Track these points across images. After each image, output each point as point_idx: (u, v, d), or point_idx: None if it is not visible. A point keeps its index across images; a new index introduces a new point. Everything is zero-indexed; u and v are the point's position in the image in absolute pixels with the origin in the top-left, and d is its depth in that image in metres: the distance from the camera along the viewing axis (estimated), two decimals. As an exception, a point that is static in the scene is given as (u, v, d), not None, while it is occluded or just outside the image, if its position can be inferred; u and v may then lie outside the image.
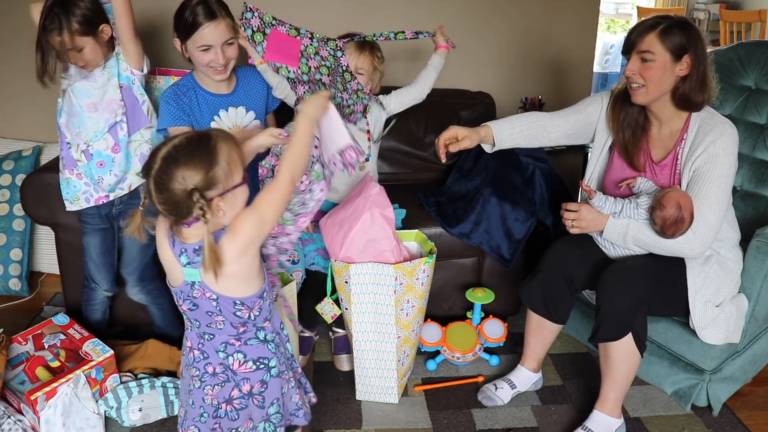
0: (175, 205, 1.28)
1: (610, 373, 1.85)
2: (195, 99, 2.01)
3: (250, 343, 1.45)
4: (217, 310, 1.39)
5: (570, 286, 1.97)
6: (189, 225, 1.32)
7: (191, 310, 1.42)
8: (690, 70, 1.76)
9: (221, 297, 1.37)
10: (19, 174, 2.68)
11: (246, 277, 1.38)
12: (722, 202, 1.78)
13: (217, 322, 1.41)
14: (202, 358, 1.45)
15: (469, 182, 2.50)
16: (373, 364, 2.02)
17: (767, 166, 2.19)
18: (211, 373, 1.44)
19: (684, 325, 1.97)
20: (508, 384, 2.08)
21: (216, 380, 1.45)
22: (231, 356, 1.44)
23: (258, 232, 1.34)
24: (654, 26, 1.76)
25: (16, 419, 1.84)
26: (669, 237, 1.75)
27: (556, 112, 2.07)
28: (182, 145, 1.29)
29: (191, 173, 1.26)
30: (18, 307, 2.61)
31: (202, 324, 1.43)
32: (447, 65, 3.06)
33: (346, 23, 2.83)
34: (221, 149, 1.30)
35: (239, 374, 1.45)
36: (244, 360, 1.44)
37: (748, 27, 5.11)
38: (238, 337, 1.44)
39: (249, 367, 1.45)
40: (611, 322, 1.79)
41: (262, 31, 2.01)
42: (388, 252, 1.91)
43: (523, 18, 3.00)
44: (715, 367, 1.99)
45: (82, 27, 1.80)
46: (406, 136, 2.67)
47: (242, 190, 1.35)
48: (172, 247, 1.37)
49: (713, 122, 1.80)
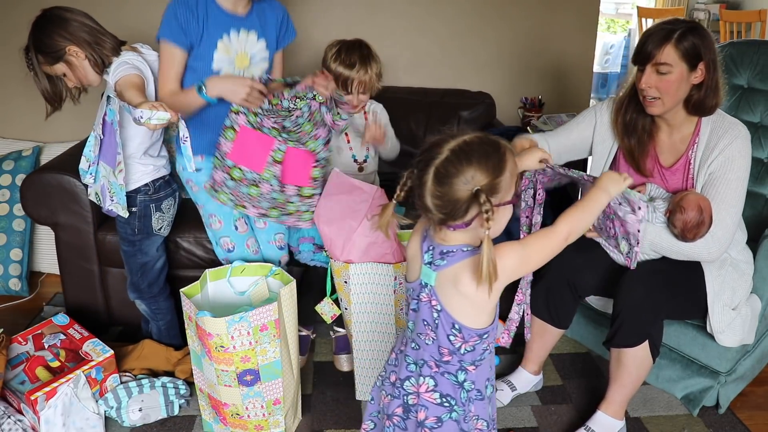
0: (452, 203, 1.17)
1: (620, 377, 1.84)
2: (205, 11, 1.89)
3: (446, 377, 1.32)
4: (434, 323, 1.28)
5: (573, 292, 1.96)
6: (455, 228, 1.22)
7: (413, 311, 1.32)
8: (704, 77, 1.73)
9: (444, 311, 1.27)
10: (19, 174, 2.69)
11: (479, 308, 1.27)
12: (739, 205, 1.76)
13: (427, 336, 1.31)
14: (394, 365, 1.38)
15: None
16: (373, 364, 2.02)
17: (763, 164, 2.19)
18: (392, 381, 1.37)
19: (698, 328, 1.96)
20: (507, 386, 2.08)
21: (392, 390, 1.37)
22: (423, 377, 1.32)
23: (517, 269, 1.26)
24: (668, 36, 1.70)
25: (16, 419, 1.84)
26: (689, 240, 1.72)
27: (550, 134, 2.02)
28: (476, 143, 1.19)
29: (482, 174, 1.17)
30: (18, 307, 2.61)
31: (415, 330, 1.33)
32: (447, 65, 3.08)
33: (346, 23, 2.84)
34: (509, 160, 1.21)
35: (422, 398, 1.32)
36: (432, 387, 1.31)
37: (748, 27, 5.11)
38: (438, 363, 1.31)
39: (433, 398, 1.32)
40: (630, 329, 1.77)
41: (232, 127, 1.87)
42: (389, 254, 1.91)
43: (524, 18, 3.00)
44: (729, 369, 1.98)
45: (45, 57, 1.83)
46: (406, 136, 2.67)
47: (509, 209, 1.26)
48: (422, 240, 1.30)
49: (726, 125, 1.78)
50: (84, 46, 1.84)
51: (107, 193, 1.94)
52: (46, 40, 1.82)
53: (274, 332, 1.71)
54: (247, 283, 1.94)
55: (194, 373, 1.88)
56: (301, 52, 2.72)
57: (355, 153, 2.25)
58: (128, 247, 2.04)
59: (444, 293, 1.26)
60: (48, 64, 1.85)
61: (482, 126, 2.72)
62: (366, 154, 2.27)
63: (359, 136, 2.23)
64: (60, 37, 1.82)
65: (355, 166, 2.25)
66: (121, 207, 1.91)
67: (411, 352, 1.35)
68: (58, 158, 2.30)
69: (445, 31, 2.97)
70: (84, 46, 1.84)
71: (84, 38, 1.85)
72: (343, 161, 2.24)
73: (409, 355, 1.34)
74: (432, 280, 1.26)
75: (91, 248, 2.23)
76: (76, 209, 2.17)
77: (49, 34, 1.82)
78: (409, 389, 1.34)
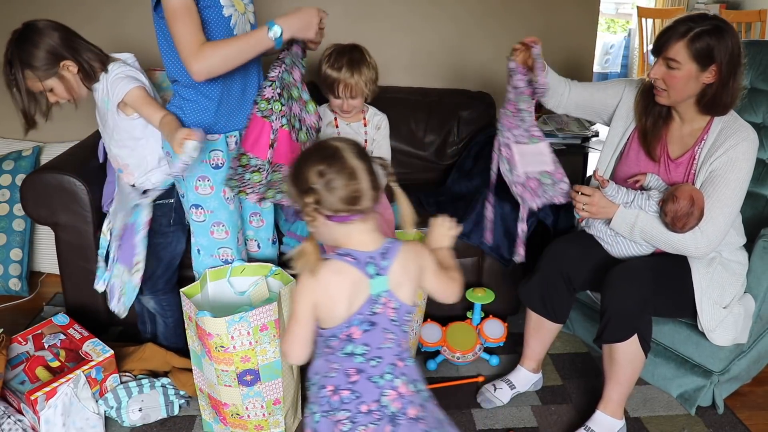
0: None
1: (614, 374, 1.85)
2: None
3: (408, 363, 1.33)
4: (393, 324, 1.29)
5: (568, 285, 1.96)
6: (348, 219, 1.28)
7: (366, 332, 1.27)
8: (716, 78, 1.74)
9: (402, 305, 1.29)
10: (19, 174, 2.69)
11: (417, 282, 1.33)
12: (734, 206, 1.77)
13: (387, 341, 1.29)
14: (354, 399, 1.28)
15: (469, 182, 2.50)
16: (373, 364, 2.02)
17: (765, 165, 2.19)
18: (365, 412, 1.27)
19: (691, 327, 1.97)
20: (507, 384, 2.08)
21: (370, 418, 1.27)
22: (397, 379, 1.30)
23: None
24: (684, 34, 1.71)
25: (16, 419, 1.84)
26: (677, 231, 1.75)
27: (576, 82, 2.07)
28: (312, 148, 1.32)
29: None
30: (18, 307, 2.61)
31: (371, 351, 1.28)
32: (447, 66, 3.08)
33: (345, 23, 2.84)
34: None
35: (405, 397, 1.30)
36: (407, 381, 1.32)
37: (748, 27, 5.11)
38: (401, 357, 1.32)
39: (411, 390, 1.32)
40: (617, 324, 1.78)
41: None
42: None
43: (524, 18, 3.00)
44: (723, 368, 1.99)
45: (35, 72, 1.77)
46: (406, 136, 2.68)
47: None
48: (344, 275, 1.26)
49: (736, 126, 1.80)
50: (76, 59, 1.82)
51: (116, 293, 1.97)
52: (38, 54, 1.76)
53: (274, 332, 1.71)
54: (247, 283, 1.94)
55: (194, 373, 1.88)
56: (301, 52, 2.71)
57: None
58: (161, 239, 2.03)
59: (398, 288, 1.28)
60: (38, 80, 1.79)
61: (482, 126, 2.72)
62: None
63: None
64: (53, 50, 1.78)
65: None
66: (123, 309, 1.96)
67: (373, 371, 1.29)
68: (58, 158, 2.30)
69: (445, 31, 2.97)
70: (76, 60, 1.82)
71: (77, 51, 1.82)
72: None
73: (373, 375, 1.29)
74: (386, 284, 1.27)
75: (91, 248, 2.23)
76: (76, 209, 2.17)
77: (40, 48, 1.77)
78: (388, 402, 1.29)
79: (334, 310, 1.25)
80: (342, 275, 1.24)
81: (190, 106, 1.79)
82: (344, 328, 1.26)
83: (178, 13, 1.64)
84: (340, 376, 1.28)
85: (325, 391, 1.30)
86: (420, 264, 1.33)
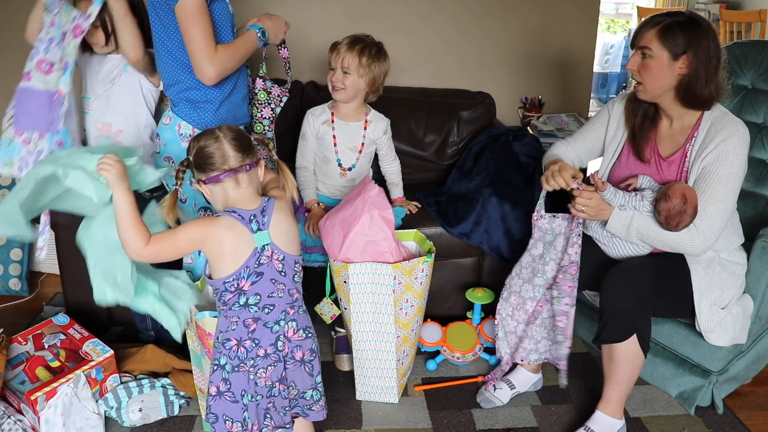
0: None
1: (614, 374, 1.85)
2: None
3: (300, 311, 1.53)
4: (282, 273, 1.48)
5: None
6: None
7: (254, 283, 1.45)
8: (689, 69, 1.75)
9: (287, 255, 1.49)
10: (19, 174, 2.68)
11: (296, 231, 1.53)
12: (727, 202, 1.77)
13: (278, 291, 1.48)
14: (255, 346, 1.47)
15: (469, 182, 2.50)
16: (373, 363, 2.02)
17: (765, 165, 2.19)
18: (263, 355, 1.48)
19: (690, 326, 1.96)
20: (507, 384, 2.08)
21: (268, 361, 1.48)
22: (287, 323, 1.50)
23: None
24: (657, 23, 1.76)
25: (16, 419, 1.84)
26: (672, 229, 1.75)
27: (571, 139, 2.10)
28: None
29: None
30: (18, 307, 2.61)
31: (262, 300, 1.46)
32: (447, 65, 3.08)
33: (345, 23, 2.84)
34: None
35: (293, 341, 1.51)
36: (297, 328, 1.51)
37: (748, 27, 5.11)
38: (292, 305, 1.51)
39: (300, 335, 1.52)
40: (616, 324, 1.78)
41: None
42: (387, 253, 1.91)
43: (523, 18, 3.00)
44: (721, 368, 1.99)
45: None
46: (406, 136, 2.67)
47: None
48: (232, 230, 1.45)
49: (725, 121, 1.80)
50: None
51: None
52: None
53: (274, 332, 1.71)
54: (247, 283, 1.93)
55: (194, 373, 1.88)
56: (301, 51, 2.72)
57: (341, 158, 2.24)
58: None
59: (279, 240, 1.47)
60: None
61: (482, 126, 2.72)
62: (354, 163, 2.25)
63: (351, 149, 2.23)
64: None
65: (338, 170, 2.25)
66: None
67: (267, 317, 1.48)
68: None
69: (445, 32, 2.97)
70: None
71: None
72: (330, 169, 2.25)
73: (268, 321, 1.48)
74: (268, 237, 1.45)
75: (91, 248, 2.22)
76: (76, 209, 2.17)
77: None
78: (281, 345, 1.49)
79: (223, 260, 1.44)
80: (232, 231, 1.42)
81: (193, 107, 1.80)
82: (233, 281, 1.44)
83: (196, 14, 1.65)
84: (241, 327, 1.46)
85: (229, 344, 1.47)
86: (288, 215, 1.51)
